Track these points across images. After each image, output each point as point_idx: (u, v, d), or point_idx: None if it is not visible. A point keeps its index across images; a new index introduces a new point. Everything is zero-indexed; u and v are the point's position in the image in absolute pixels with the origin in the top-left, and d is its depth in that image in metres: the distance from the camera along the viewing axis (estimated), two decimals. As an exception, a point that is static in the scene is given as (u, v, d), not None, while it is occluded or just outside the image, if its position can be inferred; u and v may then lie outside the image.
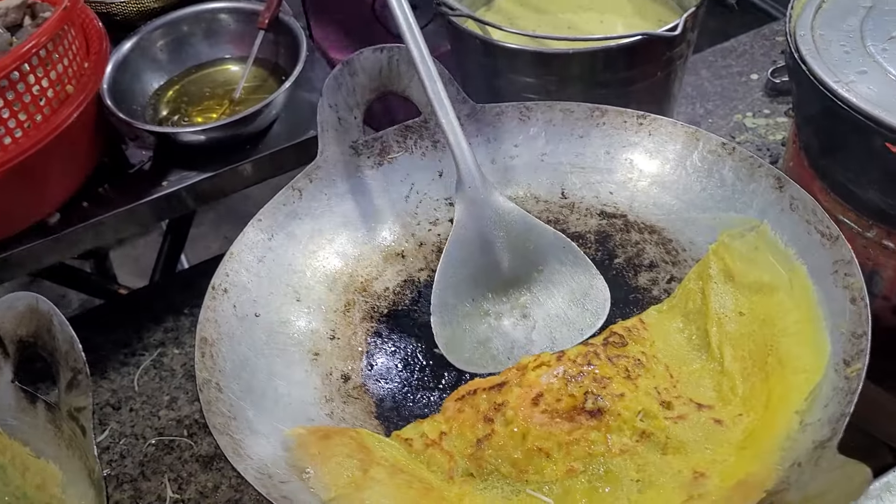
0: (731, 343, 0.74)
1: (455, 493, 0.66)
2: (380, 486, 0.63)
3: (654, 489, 0.64)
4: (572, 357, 0.73)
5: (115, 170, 1.14)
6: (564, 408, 0.68)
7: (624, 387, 0.70)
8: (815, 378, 0.66)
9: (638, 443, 0.67)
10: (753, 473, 0.61)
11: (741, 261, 0.79)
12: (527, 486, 0.66)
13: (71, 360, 0.66)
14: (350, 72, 0.90)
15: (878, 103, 0.85)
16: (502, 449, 0.68)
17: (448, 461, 0.68)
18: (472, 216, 0.83)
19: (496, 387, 0.72)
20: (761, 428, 0.66)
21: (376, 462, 0.66)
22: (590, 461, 0.66)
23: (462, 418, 0.71)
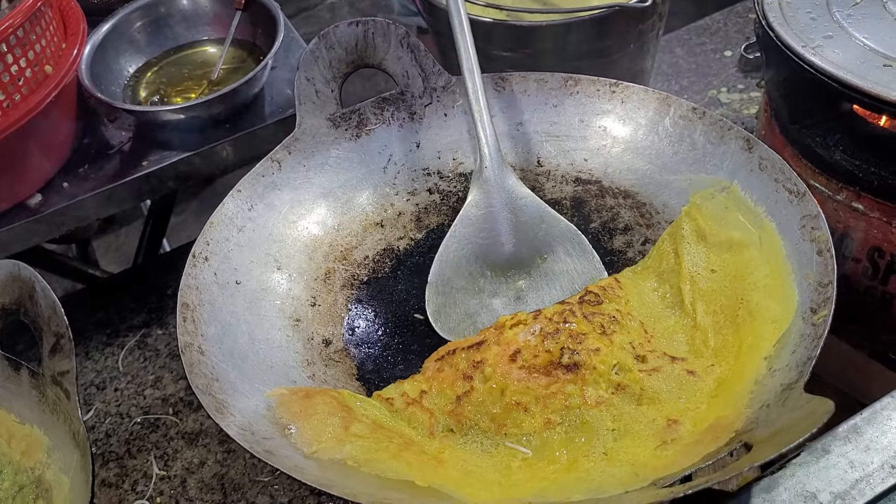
0: (704, 299, 0.76)
1: (435, 446, 0.67)
2: (361, 441, 0.65)
3: (629, 437, 0.65)
4: (549, 315, 0.74)
5: (96, 151, 1.15)
6: (541, 363, 0.70)
7: (599, 342, 0.71)
8: (783, 326, 0.67)
9: (613, 395, 0.68)
10: (723, 416, 0.62)
11: (712, 220, 0.80)
12: (506, 439, 0.68)
13: (54, 324, 0.67)
14: (326, 45, 0.91)
15: (843, 66, 0.87)
16: (481, 404, 0.69)
17: (429, 418, 0.70)
18: (485, 195, 0.85)
19: (474, 346, 0.73)
20: (732, 376, 0.67)
21: (357, 419, 0.68)
22: (567, 413, 0.68)
23: (442, 377, 0.72)
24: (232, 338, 0.75)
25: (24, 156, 1.04)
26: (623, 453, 0.64)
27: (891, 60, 0.86)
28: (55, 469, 0.68)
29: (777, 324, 0.69)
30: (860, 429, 0.64)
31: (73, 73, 1.06)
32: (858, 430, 0.64)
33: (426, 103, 0.95)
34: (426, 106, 0.95)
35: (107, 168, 1.12)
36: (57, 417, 0.68)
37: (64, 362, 0.66)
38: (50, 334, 0.68)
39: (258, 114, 1.18)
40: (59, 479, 0.67)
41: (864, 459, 0.62)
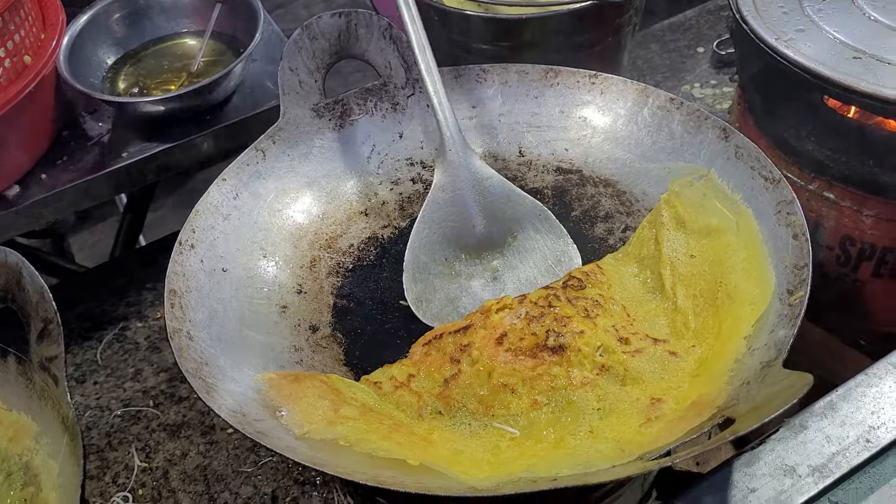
0: (684, 283, 0.78)
1: (424, 428, 0.68)
2: (351, 422, 0.66)
3: (614, 415, 0.67)
4: (533, 300, 0.75)
5: (74, 142, 1.14)
6: (527, 346, 0.71)
7: (583, 325, 0.73)
8: (761, 308, 0.69)
9: (598, 375, 0.70)
10: (705, 394, 0.64)
11: (691, 208, 0.82)
12: (493, 420, 0.69)
13: (42, 310, 0.67)
14: (310, 36, 0.92)
15: (815, 58, 0.89)
16: (469, 387, 0.71)
17: (417, 400, 0.71)
18: (452, 179, 0.86)
19: (461, 330, 0.74)
20: (712, 356, 0.69)
21: (346, 402, 0.69)
22: (553, 394, 0.69)
23: (429, 361, 0.73)
24: (220, 323, 0.75)
25: (3, 147, 1.03)
26: (608, 431, 0.66)
27: (860, 53, 0.89)
28: (43, 455, 0.68)
29: (755, 305, 0.71)
30: (836, 405, 0.66)
31: (52, 63, 1.05)
32: (834, 407, 0.66)
33: (408, 94, 0.96)
34: (408, 97, 0.96)
35: (86, 160, 1.12)
36: (45, 403, 0.68)
37: (52, 348, 0.67)
38: (38, 320, 0.68)
39: (238, 106, 1.18)
40: (48, 464, 0.67)
41: (840, 434, 0.65)
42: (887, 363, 0.69)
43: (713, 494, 0.62)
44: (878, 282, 1.02)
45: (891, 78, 0.85)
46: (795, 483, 0.62)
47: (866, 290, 1.04)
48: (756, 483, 0.63)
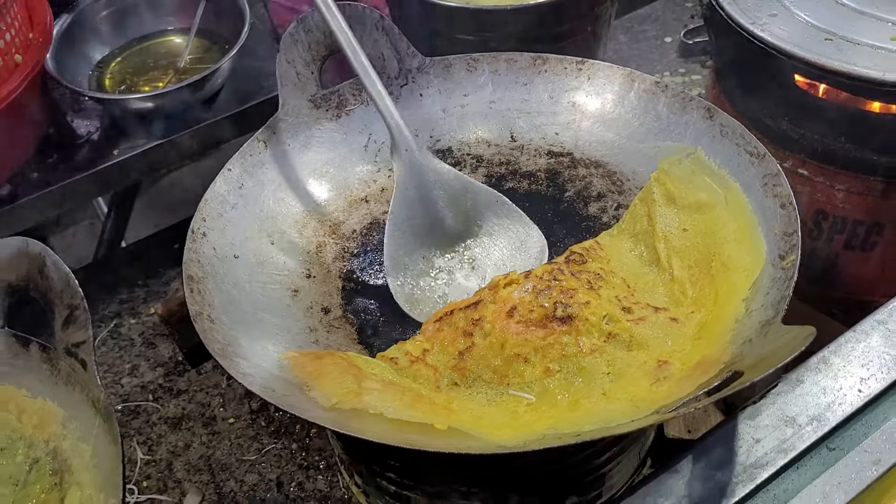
0: (678, 255, 0.82)
1: (443, 398, 0.71)
2: (376, 394, 0.68)
3: (624, 378, 0.71)
4: (539, 274, 0.79)
5: (63, 141, 1.15)
6: (537, 317, 0.74)
7: (588, 296, 0.76)
8: (755, 273, 0.74)
9: (605, 342, 0.74)
10: (709, 354, 0.68)
11: (681, 184, 0.86)
12: (509, 388, 0.72)
13: (67, 297, 0.68)
14: (305, 29, 0.94)
15: (789, 40, 0.95)
16: (483, 358, 0.74)
17: (433, 373, 0.74)
18: (413, 178, 0.87)
19: (472, 305, 0.77)
20: (712, 319, 0.73)
21: (367, 377, 0.71)
22: (564, 361, 0.72)
23: (442, 336, 0.76)
24: (237, 307, 0.77)
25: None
26: (620, 392, 0.69)
27: (831, 35, 0.95)
28: (72, 439, 0.69)
29: (749, 272, 0.75)
30: (828, 359, 0.71)
31: (42, 61, 1.06)
32: (827, 361, 0.71)
33: (402, 84, 0.99)
34: (402, 87, 0.99)
35: (77, 158, 1.13)
36: (72, 388, 0.69)
37: (79, 333, 0.68)
38: (63, 307, 0.69)
39: (227, 101, 1.20)
40: (78, 447, 0.68)
41: (833, 385, 0.69)
42: (873, 320, 0.74)
43: (722, 444, 0.66)
44: (849, 253, 1.08)
45: (860, 57, 0.91)
46: (796, 432, 0.67)
47: (839, 262, 1.10)
48: (760, 434, 0.67)
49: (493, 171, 0.97)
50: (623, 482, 0.89)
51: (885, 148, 0.98)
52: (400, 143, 0.87)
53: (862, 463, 0.65)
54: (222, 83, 1.19)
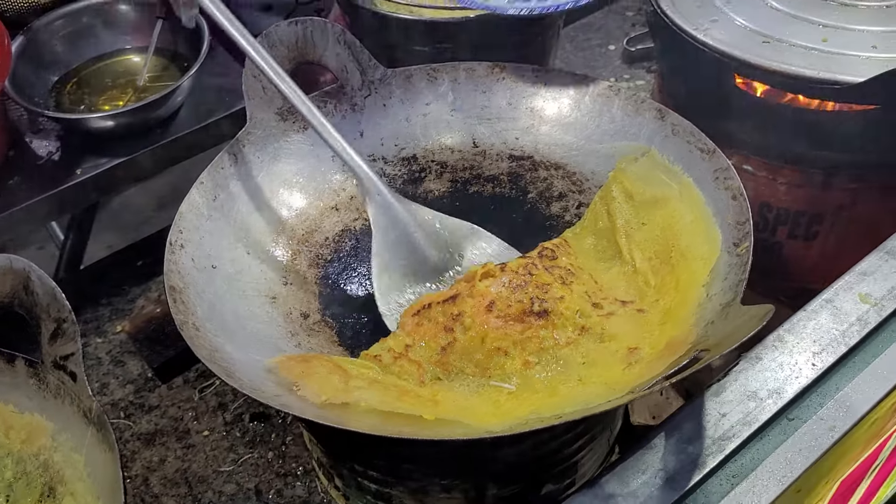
0: (639, 248, 0.87)
1: (428, 392, 0.74)
2: (363, 391, 0.71)
3: (598, 366, 0.75)
4: (514, 268, 0.82)
5: (24, 162, 1.15)
6: (515, 312, 0.78)
7: (562, 291, 0.80)
8: (712, 260, 0.79)
9: (579, 336, 0.78)
10: (675, 336, 0.73)
11: (637, 181, 0.91)
12: (490, 379, 0.76)
13: (54, 311, 0.70)
14: (269, 43, 0.97)
15: (730, 44, 1.00)
16: (465, 352, 0.77)
17: (417, 369, 0.77)
18: (390, 220, 0.89)
19: (449, 300, 0.80)
20: (675, 305, 0.78)
21: (353, 377, 0.74)
22: (542, 354, 0.76)
23: (422, 331, 0.79)
24: (219, 315, 0.79)
25: (-43, 168, 1.03)
26: (595, 377, 0.73)
27: (768, 38, 1.01)
28: (64, 450, 0.70)
29: (706, 260, 0.80)
30: (783, 337, 0.76)
31: (2, 83, 1.06)
32: (782, 339, 0.76)
33: (365, 95, 1.02)
34: (366, 97, 1.02)
35: (38, 178, 1.13)
36: (62, 401, 0.70)
37: (68, 345, 0.69)
38: (49, 321, 0.70)
39: (187, 118, 1.21)
40: (70, 458, 0.69)
41: (789, 360, 0.74)
42: (821, 300, 0.79)
43: (692, 420, 0.70)
44: (792, 242, 1.15)
45: (795, 57, 0.97)
46: (758, 405, 0.72)
47: (783, 251, 1.16)
48: (725, 408, 0.72)
49: (457, 176, 1.01)
50: (595, 468, 0.93)
51: (821, 142, 1.04)
52: (371, 188, 0.88)
53: (819, 430, 0.70)
54: (182, 101, 1.20)
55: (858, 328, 0.75)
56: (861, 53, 0.96)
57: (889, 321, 0.77)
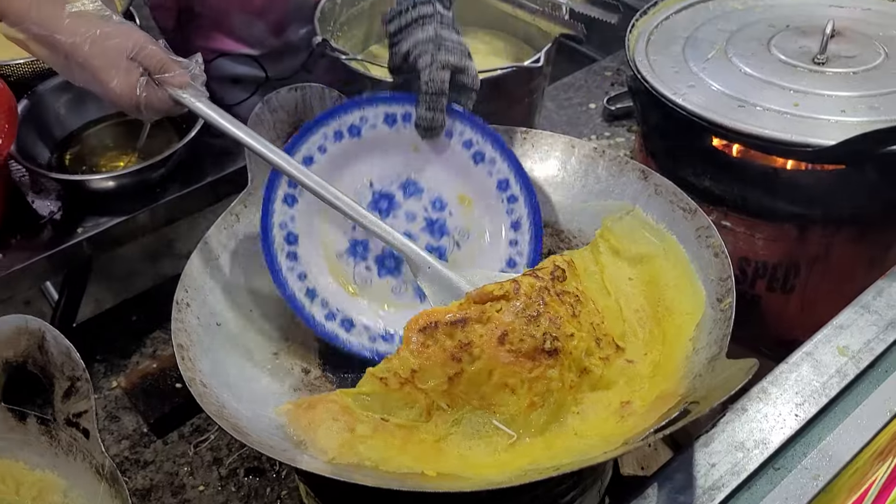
0: (625, 299, 0.90)
1: (433, 433, 0.76)
2: (369, 441, 0.73)
3: (592, 417, 0.78)
4: (527, 292, 0.80)
5: (26, 222, 1.17)
6: (527, 348, 0.77)
7: (572, 326, 0.80)
8: (697, 316, 0.83)
9: (580, 378, 0.79)
10: (665, 389, 0.76)
11: (623, 239, 0.95)
12: (494, 416, 0.77)
13: (68, 369, 0.72)
14: (270, 109, 1.01)
15: (707, 108, 1.06)
16: (472, 384, 0.77)
17: (424, 398, 0.78)
18: (445, 290, 0.91)
19: (458, 322, 0.79)
20: (664, 359, 0.82)
21: (359, 420, 0.75)
22: (547, 396, 0.77)
23: (428, 354, 0.78)
24: (224, 372, 0.82)
25: (-39, 228, 1.06)
26: (591, 431, 0.76)
27: (742, 102, 1.07)
28: (75, 507, 0.72)
29: (692, 314, 0.84)
30: (767, 389, 0.80)
31: (10, 146, 1.09)
32: (766, 391, 0.80)
33: (361, 157, 1.06)
34: (361, 159, 1.06)
35: (41, 237, 1.15)
36: (73, 458, 0.72)
37: (81, 403, 0.71)
38: (63, 379, 0.72)
39: (185, 178, 1.25)
40: (82, 515, 0.71)
41: (774, 412, 0.78)
42: (802, 352, 0.83)
43: (682, 471, 0.73)
44: (771, 295, 1.19)
45: (769, 121, 1.03)
46: (745, 455, 0.75)
47: (763, 304, 1.21)
48: (714, 459, 0.75)
49: (452, 233, 1.05)
50: (587, 519, 0.95)
51: (794, 199, 1.09)
52: (420, 262, 0.91)
53: (804, 479, 0.74)
54: (181, 161, 1.24)
55: (838, 380, 0.79)
56: (831, 117, 1.02)
57: (866, 373, 0.81)
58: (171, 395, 1.21)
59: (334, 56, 1.22)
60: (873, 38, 1.16)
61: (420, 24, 0.94)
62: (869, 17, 1.21)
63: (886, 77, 1.08)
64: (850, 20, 1.20)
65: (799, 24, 1.20)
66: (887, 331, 0.84)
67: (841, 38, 1.15)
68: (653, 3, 1.28)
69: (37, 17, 0.92)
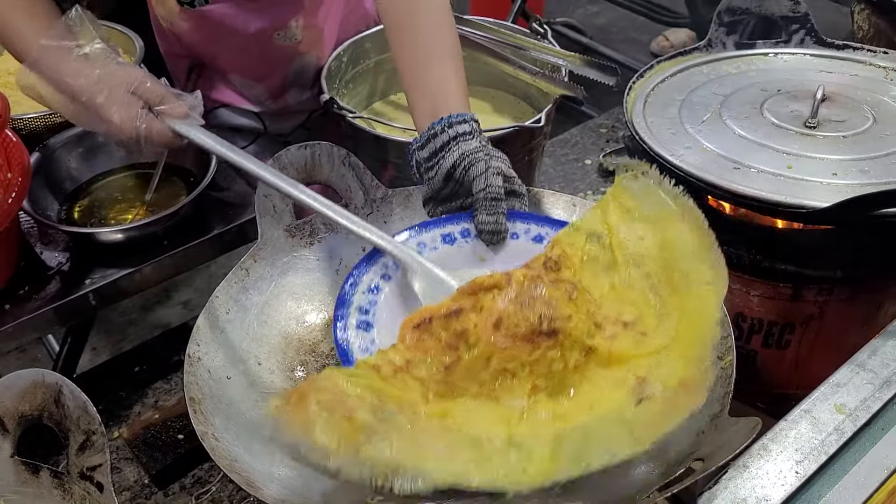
0: (636, 262, 0.83)
1: (436, 408, 0.73)
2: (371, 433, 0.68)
3: (605, 398, 0.74)
4: (520, 280, 0.78)
5: (34, 273, 1.19)
6: (524, 332, 0.75)
7: (569, 308, 0.77)
8: (721, 288, 0.78)
9: (586, 357, 0.76)
10: (690, 376, 0.73)
11: (637, 199, 0.88)
12: (497, 403, 0.74)
13: (84, 423, 0.73)
14: (279, 166, 1.04)
15: (701, 168, 1.09)
16: (470, 371, 0.74)
17: (420, 386, 0.74)
18: (436, 288, 0.89)
19: (452, 314, 0.76)
20: (684, 332, 0.77)
21: (357, 406, 0.70)
22: (551, 378, 0.75)
23: (425, 347, 0.75)
24: (235, 425, 0.83)
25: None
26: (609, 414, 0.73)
27: (737, 164, 1.10)
28: (87, 561, 0.72)
29: (713, 286, 0.78)
30: (767, 446, 0.82)
31: (23, 199, 1.11)
32: (766, 448, 0.82)
33: (367, 213, 1.08)
34: (368, 215, 1.08)
35: (49, 288, 1.17)
36: (86, 511, 0.73)
37: (96, 457, 0.72)
38: (79, 433, 0.73)
39: (192, 231, 1.27)
40: (94, 568, 0.72)
41: (774, 469, 0.80)
42: (800, 409, 0.85)
43: (686, 528, 0.75)
44: (767, 351, 1.22)
45: (763, 182, 1.06)
46: (748, 512, 0.76)
47: (759, 359, 1.23)
48: (717, 515, 0.76)
49: (454, 289, 1.07)
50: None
51: (788, 258, 1.12)
52: (410, 263, 0.90)
53: (805, 536, 0.75)
54: (188, 214, 1.26)
55: (836, 437, 0.81)
56: (823, 180, 1.05)
57: (863, 431, 0.83)
58: (173, 446, 1.21)
59: (341, 114, 1.25)
60: (861, 102, 1.20)
61: (462, 140, 0.96)
62: (857, 83, 1.26)
63: (875, 141, 1.12)
64: (839, 85, 1.25)
65: (790, 88, 1.24)
66: (883, 389, 0.86)
67: (831, 102, 1.19)
68: (649, 66, 1.32)
69: (46, 62, 0.98)
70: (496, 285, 0.78)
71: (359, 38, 1.49)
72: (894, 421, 0.84)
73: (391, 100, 1.55)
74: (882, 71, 1.29)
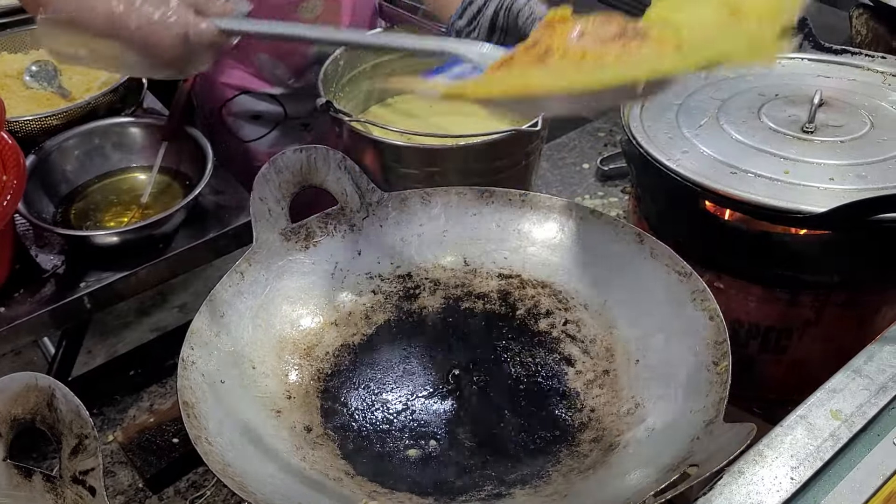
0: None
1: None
2: None
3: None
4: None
5: (28, 275, 1.18)
6: (611, 35, 0.75)
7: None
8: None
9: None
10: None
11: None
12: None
13: (77, 427, 0.73)
14: (276, 170, 1.04)
15: (698, 173, 1.09)
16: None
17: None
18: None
19: (531, 45, 0.76)
20: None
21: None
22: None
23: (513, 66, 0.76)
24: (229, 430, 0.83)
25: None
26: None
27: (735, 168, 1.10)
28: (78, 566, 0.72)
29: None
30: (762, 452, 0.81)
31: (18, 202, 1.11)
32: (762, 453, 0.81)
33: (363, 216, 1.08)
34: (364, 219, 1.08)
35: (44, 291, 1.16)
36: (78, 515, 0.73)
37: (88, 461, 0.72)
38: (72, 437, 0.73)
39: (188, 234, 1.27)
40: (85, 574, 0.71)
41: (769, 474, 0.79)
42: (796, 415, 0.85)
43: (681, 534, 0.75)
44: (764, 356, 1.21)
45: (761, 187, 1.06)
46: (743, 518, 0.76)
47: (756, 365, 1.23)
48: (712, 521, 0.76)
49: (450, 293, 1.07)
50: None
51: (786, 263, 1.12)
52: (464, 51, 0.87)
53: (800, 542, 0.75)
54: (184, 218, 1.26)
55: (832, 443, 0.81)
56: (820, 185, 1.05)
57: (859, 436, 0.82)
58: (168, 450, 1.20)
59: (338, 117, 1.25)
60: (859, 107, 1.20)
61: None
62: (854, 88, 1.26)
63: (872, 146, 1.12)
64: (837, 90, 1.24)
65: (787, 93, 1.24)
66: (879, 394, 0.86)
67: (828, 107, 1.19)
68: (646, 71, 1.32)
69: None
70: (566, 17, 0.78)
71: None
72: (890, 427, 0.84)
73: (388, 103, 1.55)
74: (880, 76, 1.29)
